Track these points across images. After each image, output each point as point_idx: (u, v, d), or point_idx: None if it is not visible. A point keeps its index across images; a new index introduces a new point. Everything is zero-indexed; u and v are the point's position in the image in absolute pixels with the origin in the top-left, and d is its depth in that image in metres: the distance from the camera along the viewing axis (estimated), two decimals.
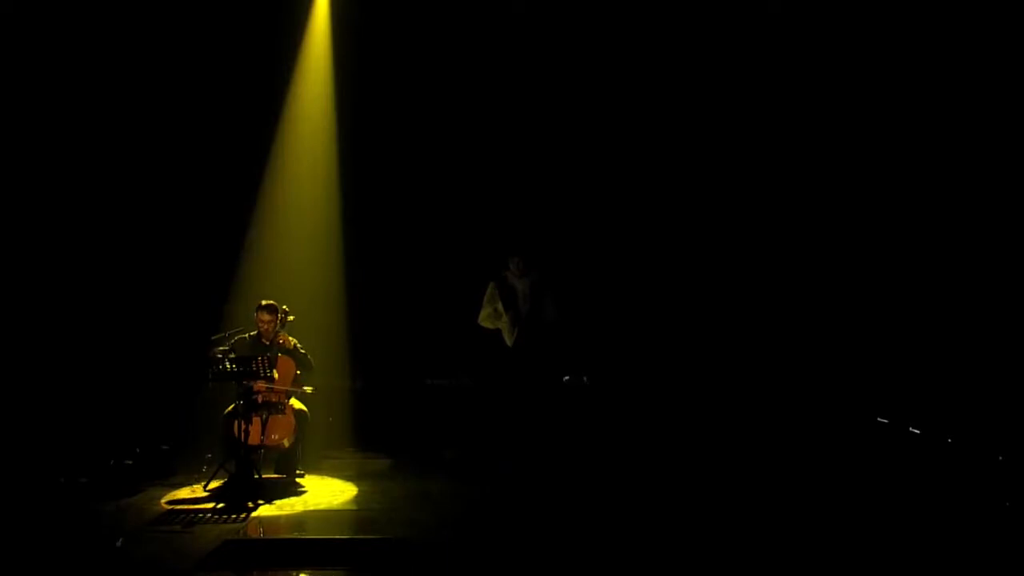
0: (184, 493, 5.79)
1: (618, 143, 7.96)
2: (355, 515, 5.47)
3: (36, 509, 5.34)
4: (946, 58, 6.92)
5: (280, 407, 6.03)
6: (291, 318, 6.36)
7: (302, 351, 6.33)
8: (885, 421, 6.60)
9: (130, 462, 6.27)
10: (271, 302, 6.29)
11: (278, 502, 5.62)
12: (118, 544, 4.58)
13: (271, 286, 6.82)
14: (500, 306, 6.88)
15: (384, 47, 7.87)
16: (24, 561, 4.41)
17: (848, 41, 7.27)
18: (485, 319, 6.98)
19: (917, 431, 6.37)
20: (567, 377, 7.23)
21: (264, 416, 5.94)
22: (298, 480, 6.13)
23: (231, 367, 5.77)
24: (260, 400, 5.96)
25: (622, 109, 7.91)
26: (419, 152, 7.99)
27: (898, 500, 5.65)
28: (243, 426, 5.75)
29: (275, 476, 6.15)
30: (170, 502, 5.57)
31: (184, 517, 5.21)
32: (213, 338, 6.05)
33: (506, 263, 6.98)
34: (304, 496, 5.82)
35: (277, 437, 6.00)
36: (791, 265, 7.57)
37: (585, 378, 7.35)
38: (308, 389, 6.30)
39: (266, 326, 6.23)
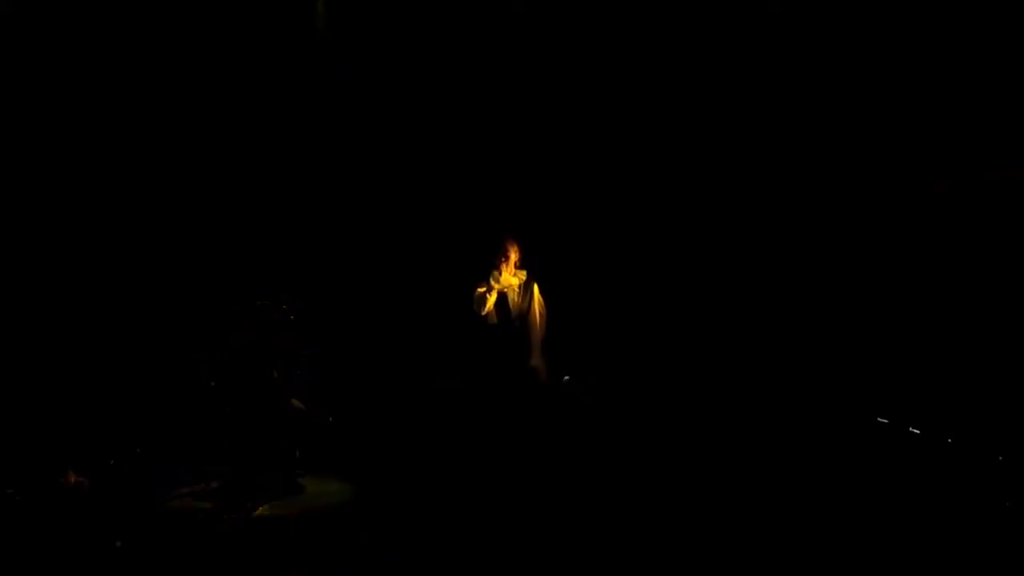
0: (184, 493, 5.79)
1: (621, 142, 7.94)
2: (355, 515, 5.47)
3: (36, 509, 5.34)
4: (946, 58, 6.92)
5: (280, 407, 6.02)
6: (291, 318, 6.35)
7: (303, 350, 6.33)
8: (885, 421, 6.60)
9: (129, 462, 6.27)
10: (266, 302, 6.30)
11: (278, 502, 5.62)
12: (118, 544, 4.58)
13: (272, 286, 6.82)
14: (483, 290, 6.85)
15: (383, 46, 7.87)
16: (24, 561, 4.41)
17: (848, 41, 7.27)
18: (477, 304, 6.93)
19: (917, 431, 6.37)
20: (567, 377, 7.20)
21: (264, 416, 5.94)
22: (298, 480, 6.13)
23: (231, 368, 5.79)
24: (259, 400, 5.97)
25: (622, 108, 7.90)
26: (420, 151, 7.99)
27: (898, 500, 5.65)
28: (242, 426, 5.75)
29: (275, 476, 6.14)
30: (171, 502, 5.57)
31: (184, 517, 5.20)
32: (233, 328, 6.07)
33: (496, 264, 6.95)
34: (304, 496, 5.82)
35: (276, 437, 5.99)
36: (792, 266, 7.57)
37: (571, 379, 7.30)
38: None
39: (263, 327, 6.22)
